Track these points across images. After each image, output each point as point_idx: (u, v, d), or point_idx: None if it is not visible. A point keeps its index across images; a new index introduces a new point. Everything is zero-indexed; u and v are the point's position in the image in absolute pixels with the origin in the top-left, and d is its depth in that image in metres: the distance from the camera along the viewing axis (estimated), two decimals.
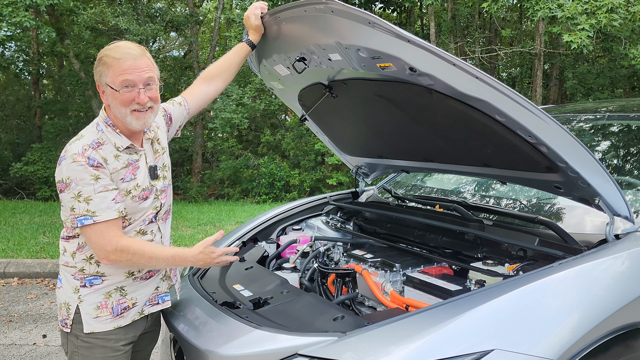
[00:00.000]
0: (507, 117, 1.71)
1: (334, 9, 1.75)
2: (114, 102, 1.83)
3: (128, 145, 1.87)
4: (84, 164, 1.75)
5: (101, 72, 1.82)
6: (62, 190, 1.78)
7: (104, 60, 1.82)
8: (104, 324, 1.87)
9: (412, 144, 2.52)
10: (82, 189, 1.75)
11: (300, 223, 3.00)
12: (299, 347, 1.60)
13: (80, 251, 1.87)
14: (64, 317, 1.90)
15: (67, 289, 1.89)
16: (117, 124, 1.87)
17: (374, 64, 1.88)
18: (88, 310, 1.86)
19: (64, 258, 1.90)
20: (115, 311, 1.89)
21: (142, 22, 11.78)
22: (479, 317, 1.54)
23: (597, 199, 1.83)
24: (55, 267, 5.78)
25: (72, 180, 1.75)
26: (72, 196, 1.75)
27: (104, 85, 1.83)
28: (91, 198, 1.75)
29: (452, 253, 2.29)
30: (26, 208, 10.17)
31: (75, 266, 1.87)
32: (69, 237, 1.88)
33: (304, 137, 12.65)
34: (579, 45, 7.68)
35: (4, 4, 8.90)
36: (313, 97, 2.52)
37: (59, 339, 4.07)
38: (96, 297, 1.87)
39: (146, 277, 1.97)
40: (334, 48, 1.96)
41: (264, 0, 2.28)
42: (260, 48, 2.37)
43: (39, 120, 15.41)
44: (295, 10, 1.94)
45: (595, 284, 1.68)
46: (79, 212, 1.76)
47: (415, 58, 1.71)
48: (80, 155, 1.75)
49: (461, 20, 14.37)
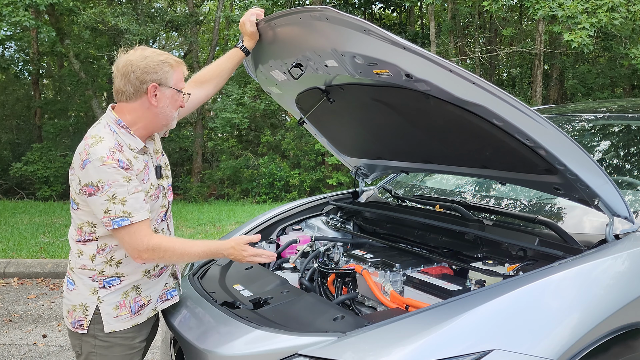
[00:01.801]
0: (505, 122, 1.72)
1: (329, 16, 1.75)
2: (168, 103, 1.88)
3: (143, 147, 1.89)
4: (115, 166, 1.75)
5: (166, 72, 1.85)
6: (91, 194, 1.75)
7: (168, 61, 1.86)
8: (123, 323, 1.91)
9: (410, 146, 2.53)
10: (116, 191, 1.75)
11: (300, 223, 3.00)
12: (299, 347, 1.60)
13: (100, 254, 1.87)
14: (78, 319, 1.89)
15: (84, 290, 1.88)
16: (134, 126, 1.87)
17: (370, 70, 1.89)
18: (108, 311, 1.88)
19: (80, 261, 1.88)
20: (133, 309, 1.93)
21: (142, 22, 11.78)
22: (479, 317, 1.54)
23: (596, 200, 1.84)
24: (55, 267, 5.78)
25: (104, 183, 1.74)
26: (105, 198, 1.75)
27: (164, 86, 1.86)
28: (126, 199, 1.76)
29: (452, 253, 2.29)
30: (26, 208, 10.17)
31: (94, 269, 1.87)
32: (86, 240, 1.87)
33: (304, 137, 12.65)
34: (579, 44, 7.68)
35: (4, 4, 8.90)
36: (311, 101, 2.52)
37: (59, 339, 4.07)
38: (115, 297, 1.89)
39: (158, 273, 2.01)
40: (329, 55, 1.96)
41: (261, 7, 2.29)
42: (257, 54, 2.37)
43: (39, 120, 15.41)
44: (291, 17, 1.95)
45: (595, 284, 1.68)
46: (115, 214, 1.76)
47: (411, 64, 1.72)
48: (110, 157, 1.75)
49: (461, 20, 14.38)
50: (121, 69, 1.84)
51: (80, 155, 1.78)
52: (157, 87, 1.84)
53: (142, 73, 1.82)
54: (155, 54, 1.86)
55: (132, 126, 1.87)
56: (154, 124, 1.90)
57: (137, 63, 1.82)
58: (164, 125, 1.94)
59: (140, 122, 1.88)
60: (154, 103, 1.85)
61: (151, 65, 1.83)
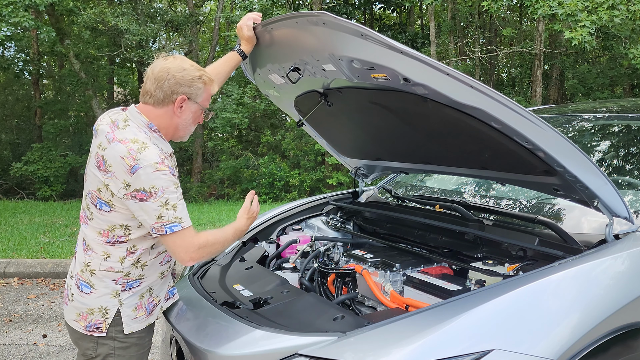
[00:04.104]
0: (503, 124, 1.72)
1: (326, 21, 1.75)
2: (191, 117, 1.93)
3: (172, 151, 1.93)
4: (167, 172, 1.77)
5: (199, 89, 1.89)
6: (143, 199, 1.75)
7: (204, 79, 1.89)
8: (141, 323, 1.94)
9: (409, 147, 2.53)
10: (169, 197, 1.77)
11: (300, 223, 3.00)
12: (299, 347, 1.60)
13: (130, 256, 1.87)
14: (96, 322, 1.88)
15: (104, 293, 1.87)
16: (160, 130, 1.90)
17: (368, 74, 1.90)
18: (128, 313, 1.90)
19: (107, 263, 1.87)
20: (148, 310, 1.97)
21: (142, 22, 11.78)
22: (479, 317, 1.54)
23: (595, 201, 1.84)
24: (55, 267, 5.78)
25: (157, 189, 1.75)
26: (159, 204, 1.76)
27: (192, 101, 1.89)
28: (177, 205, 1.79)
29: (452, 253, 2.29)
30: (26, 208, 10.17)
31: (121, 271, 1.87)
32: (116, 242, 1.86)
33: (304, 137, 12.65)
34: (580, 42, 7.67)
35: (4, 4, 8.90)
36: (309, 104, 2.53)
37: (59, 339, 4.08)
38: (134, 299, 1.92)
39: (167, 274, 2.04)
40: (327, 59, 1.97)
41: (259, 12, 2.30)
42: (254, 57, 2.37)
43: (39, 120, 15.41)
44: (288, 21, 1.96)
45: (595, 284, 1.69)
46: (168, 220, 1.77)
47: (409, 69, 1.72)
48: (161, 164, 1.77)
49: (461, 20, 14.38)
50: (156, 74, 1.85)
51: (125, 160, 1.75)
52: (186, 100, 1.88)
53: (176, 84, 1.85)
54: (192, 68, 1.88)
55: (160, 130, 1.91)
56: (172, 132, 1.94)
57: (173, 72, 1.84)
58: (180, 137, 1.97)
59: (162, 129, 1.91)
60: (178, 114, 1.89)
61: (187, 78, 1.86)
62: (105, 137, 1.83)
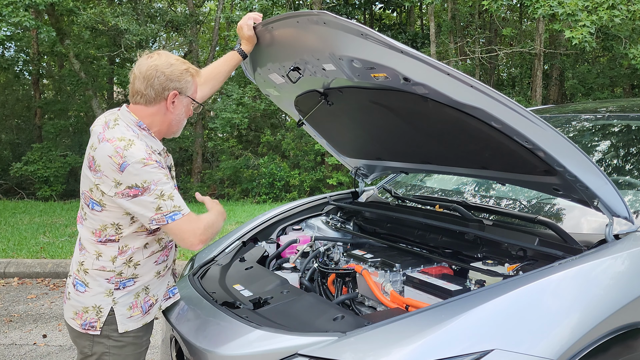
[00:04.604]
0: (503, 124, 1.73)
1: (327, 20, 1.75)
2: (183, 111, 1.95)
3: (162, 149, 1.94)
4: (156, 166, 1.79)
5: (188, 82, 1.91)
6: (137, 195, 1.77)
7: (191, 71, 1.92)
8: (136, 322, 1.94)
9: (410, 147, 2.53)
10: (162, 188, 1.79)
11: (300, 223, 3.00)
12: (299, 347, 1.61)
13: (122, 255, 1.88)
14: (91, 320, 1.89)
15: (98, 292, 1.89)
16: (153, 127, 1.91)
17: (368, 74, 1.90)
18: (122, 312, 1.91)
19: (99, 262, 1.88)
20: (144, 309, 1.97)
21: (142, 22, 11.78)
22: (479, 317, 1.54)
23: (595, 201, 1.84)
24: (55, 267, 5.78)
25: (150, 183, 1.77)
26: (155, 197, 1.78)
27: (183, 95, 1.90)
28: (173, 195, 1.81)
29: (452, 253, 2.29)
30: (26, 208, 10.17)
31: (113, 270, 1.88)
32: (107, 240, 1.87)
33: (304, 137, 12.65)
34: (580, 41, 7.67)
35: (4, 4, 8.91)
36: (309, 104, 2.53)
37: (59, 339, 4.08)
38: (128, 298, 1.92)
39: (165, 274, 2.05)
40: (327, 58, 1.97)
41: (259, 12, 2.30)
42: (255, 57, 2.37)
43: (39, 120, 15.42)
44: (288, 21, 1.96)
45: (595, 284, 1.68)
46: (167, 210, 1.80)
47: (409, 68, 1.72)
48: (149, 159, 1.78)
49: (461, 20, 14.37)
50: (144, 72, 1.85)
51: (112, 158, 1.76)
52: (177, 95, 1.89)
53: (167, 80, 1.86)
54: (179, 62, 1.90)
55: (151, 128, 1.91)
56: (166, 129, 1.96)
57: (162, 69, 1.85)
58: (173, 132, 1.99)
59: (155, 126, 1.92)
60: (171, 110, 1.90)
61: (176, 73, 1.87)
62: (97, 137, 1.85)
